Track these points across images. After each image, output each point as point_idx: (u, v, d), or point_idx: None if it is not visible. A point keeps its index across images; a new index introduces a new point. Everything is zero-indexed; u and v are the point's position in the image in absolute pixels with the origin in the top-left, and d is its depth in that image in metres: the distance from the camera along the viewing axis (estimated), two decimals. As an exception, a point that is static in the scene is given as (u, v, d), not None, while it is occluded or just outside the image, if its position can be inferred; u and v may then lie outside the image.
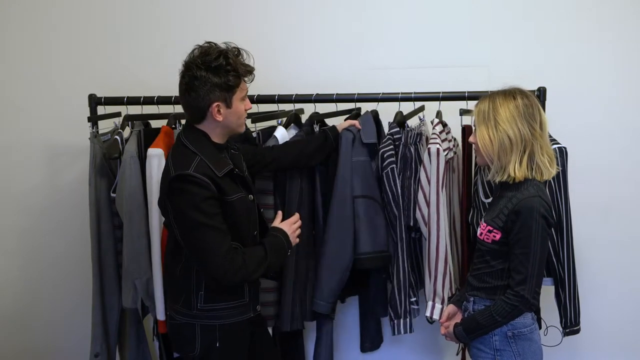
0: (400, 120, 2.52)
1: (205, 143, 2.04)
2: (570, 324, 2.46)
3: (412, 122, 2.60)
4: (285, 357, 2.66)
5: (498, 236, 1.97)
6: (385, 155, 2.42)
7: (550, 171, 1.99)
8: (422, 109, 2.60)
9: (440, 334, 2.20)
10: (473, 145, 2.07)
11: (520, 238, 1.92)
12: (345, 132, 2.45)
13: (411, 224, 2.46)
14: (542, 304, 2.54)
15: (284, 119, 2.61)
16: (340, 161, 2.43)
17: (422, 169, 2.42)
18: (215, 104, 2.00)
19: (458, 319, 2.15)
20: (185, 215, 1.96)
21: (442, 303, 2.40)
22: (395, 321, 2.47)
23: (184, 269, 2.08)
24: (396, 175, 2.42)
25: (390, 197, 2.43)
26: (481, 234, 2.03)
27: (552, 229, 2.38)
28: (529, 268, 1.91)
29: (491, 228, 1.99)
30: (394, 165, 2.42)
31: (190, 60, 2.00)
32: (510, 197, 1.97)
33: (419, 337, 3.00)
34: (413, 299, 2.53)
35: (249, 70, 2.05)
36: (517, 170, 1.95)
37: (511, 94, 2.00)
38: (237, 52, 2.04)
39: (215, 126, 2.05)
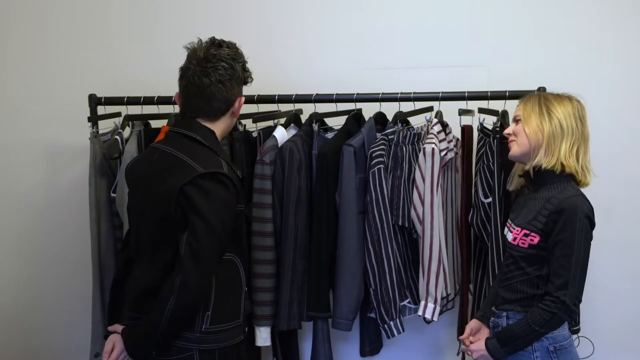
0: (399, 120, 2.51)
1: (217, 143, 1.95)
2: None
3: (418, 122, 2.59)
4: (283, 357, 2.66)
5: (536, 239, 1.86)
6: (373, 155, 2.41)
7: (589, 177, 1.93)
8: (430, 109, 2.56)
9: (467, 354, 2.03)
10: (509, 137, 1.97)
11: (563, 239, 1.81)
12: (346, 147, 2.41)
13: (400, 223, 2.44)
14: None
15: (284, 119, 2.60)
16: (344, 177, 2.41)
17: (417, 168, 2.42)
18: (240, 97, 1.98)
19: (483, 335, 2.00)
20: (214, 217, 1.77)
21: (435, 303, 2.39)
22: (392, 322, 2.44)
23: None
24: (382, 176, 2.40)
25: (374, 196, 2.39)
26: (515, 238, 1.91)
27: None
28: (571, 271, 1.79)
29: (528, 231, 1.87)
30: (382, 166, 2.40)
31: (222, 54, 1.91)
32: (547, 198, 1.87)
33: (418, 337, 3.00)
34: (407, 300, 2.53)
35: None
36: (568, 158, 1.87)
37: (564, 95, 1.97)
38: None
39: (226, 124, 1.99)
